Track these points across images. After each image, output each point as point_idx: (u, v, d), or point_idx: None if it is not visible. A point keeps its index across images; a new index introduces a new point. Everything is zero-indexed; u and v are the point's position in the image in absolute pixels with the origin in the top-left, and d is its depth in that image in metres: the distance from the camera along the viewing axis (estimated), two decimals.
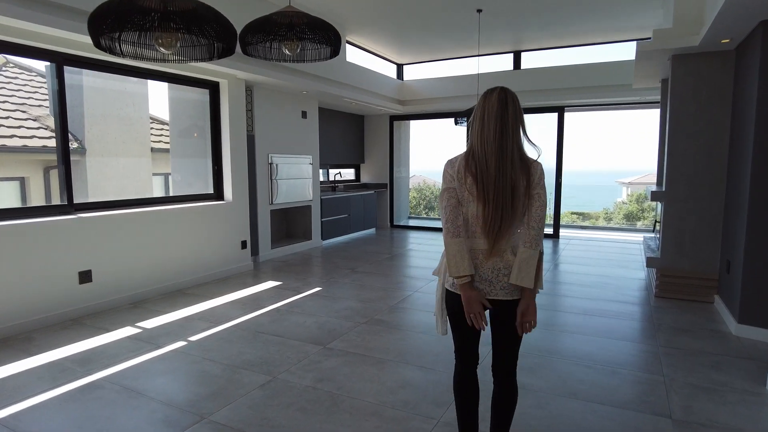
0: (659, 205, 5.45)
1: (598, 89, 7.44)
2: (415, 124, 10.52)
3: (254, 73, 5.42)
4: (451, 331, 1.89)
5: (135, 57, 2.39)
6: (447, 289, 1.84)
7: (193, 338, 3.58)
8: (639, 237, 8.63)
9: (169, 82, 5.21)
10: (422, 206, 14.65)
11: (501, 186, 1.67)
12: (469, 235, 1.75)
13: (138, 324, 3.88)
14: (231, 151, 5.59)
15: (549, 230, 8.62)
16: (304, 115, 7.07)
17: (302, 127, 7.06)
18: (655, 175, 6.25)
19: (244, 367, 3.07)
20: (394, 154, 9.63)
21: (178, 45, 2.33)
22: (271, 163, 6.41)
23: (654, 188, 4.97)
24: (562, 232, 8.84)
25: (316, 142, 7.42)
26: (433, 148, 18.16)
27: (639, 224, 15.13)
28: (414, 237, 8.73)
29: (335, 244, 7.86)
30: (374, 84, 7.94)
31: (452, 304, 1.82)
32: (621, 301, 4.55)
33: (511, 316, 1.76)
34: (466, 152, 1.79)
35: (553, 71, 7.79)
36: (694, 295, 4.54)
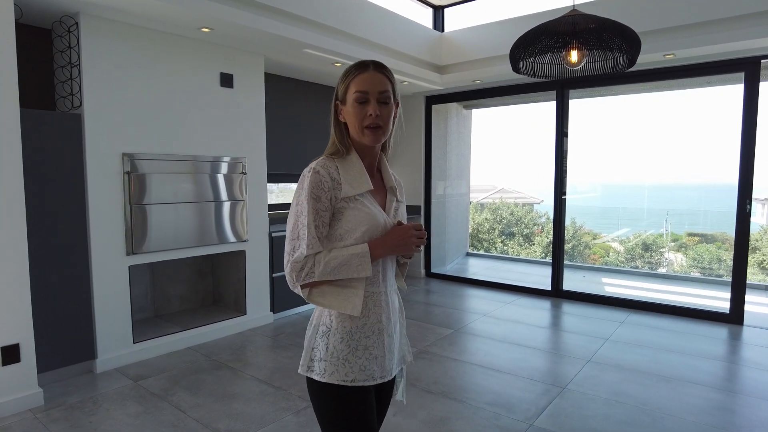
0: None
1: None
2: (479, 110, 6.84)
3: None
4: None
5: None
6: None
7: None
8: None
9: None
10: (497, 231, 10.67)
11: None
12: None
13: None
14: None
15: (722, 299, 4.41)
16: (226, 81, 3.74)
17: (222, 105, 3.74)
18: None
19: None
20: (432, 161, 5.95)
21: None
22: (128, 173, 3.16)
23: None
24: (750, 303, 4.53)
25: (262, 133, 4.06)
26: (512, 142, 10.35)
27: None
28: (474, 298, 5.02)
29: (299, 320, 4.38)
30: (380, 29, 4.41)
31: None
32: None
33: None
34: None
35: None
36: None
